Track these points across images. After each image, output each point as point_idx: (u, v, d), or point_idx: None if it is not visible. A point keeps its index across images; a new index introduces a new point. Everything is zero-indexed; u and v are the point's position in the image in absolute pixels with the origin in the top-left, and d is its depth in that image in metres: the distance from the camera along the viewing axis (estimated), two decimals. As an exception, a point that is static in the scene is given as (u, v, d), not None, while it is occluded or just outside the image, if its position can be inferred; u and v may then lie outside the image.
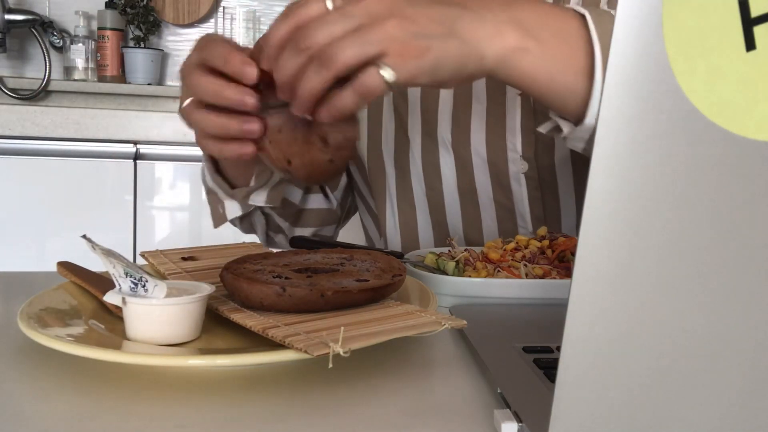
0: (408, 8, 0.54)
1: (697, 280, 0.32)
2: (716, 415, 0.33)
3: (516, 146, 0.87)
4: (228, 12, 2.40)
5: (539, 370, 0.47)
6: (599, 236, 0.31)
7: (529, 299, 0.66)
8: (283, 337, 0.46)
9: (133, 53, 2.26)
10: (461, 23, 0.56)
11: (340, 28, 0.53)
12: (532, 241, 0.76)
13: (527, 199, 0.88)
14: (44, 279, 0.70)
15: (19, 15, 2.18)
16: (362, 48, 0.52)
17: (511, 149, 0.87)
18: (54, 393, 0.46)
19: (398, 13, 0.54)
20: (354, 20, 0.53)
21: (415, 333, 0.47)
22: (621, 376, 0.33)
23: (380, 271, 0.58)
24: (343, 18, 0.53)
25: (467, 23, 0.56)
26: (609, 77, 0.31)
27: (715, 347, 0.32)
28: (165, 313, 0.49)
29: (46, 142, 1.87)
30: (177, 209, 1.99)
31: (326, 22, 0.53)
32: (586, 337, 0.33)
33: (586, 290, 0.32)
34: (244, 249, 0.74)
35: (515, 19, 0.57)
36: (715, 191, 0.31)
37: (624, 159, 0.31)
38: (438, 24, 0.55)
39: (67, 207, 1.89)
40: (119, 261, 0.50)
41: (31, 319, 0.51)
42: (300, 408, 0.44)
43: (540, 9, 0.59)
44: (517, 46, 0.57)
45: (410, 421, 0.43)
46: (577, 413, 0.33)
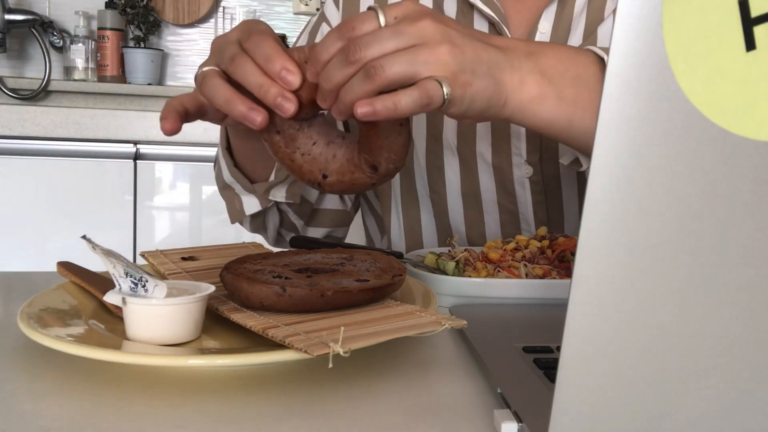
0: (459, 38, 0.55)
1: (697, 280, 0.32)
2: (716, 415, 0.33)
3: (521, 151, 0.87)
4: (228, 12, 2.40)
5: (539, 370, 0.47)
6: (599, 236, 0.31)
7: (529, 299, 0.66)
8: (283, 337, 0.46)
9: (133, 53, 2.26)
10: (497, 67, 0.57)
11: (393, 45, 0.53)
12: (532, 241, 0.76)
13: (531, 204, 0.89)
14: (44, 279, 0.70)
15: (19, 15, 2.18)
16: (412, 66, 0.53)
17: (516, 154, 0.87)
18: (54, 393, 0.46)
19: (450, 40, 0.55)
20: (406, 39, 0.54)
21: (415, 333, 0.47)
22: (621, 376, 0.33)
23: (380, 271, 0.58)
24: (395, 35, 0.54)
25: (502, 68, 0.57)
26: (609, 78, 0.31)
27: (715, 347, 0.32)
28: (165, 313, 0.49)
29: (46, 142, 1.87)
30: (177, 209, 1.99)
31: (378, 38, 0.53)
32: (586, 337, 0.33)
33: (586, 290, 0.32)
34: (244, 249, 0.74)
35: (538, 69, 0.59)
36: (715, 191, 0.31)
37: (624, 159, 0.31)
38: (480, 62, 0.56)
39: (67, 207, 1.89)
40: (119, 261, 0.50)
41: (31, 319, 0.51)
42: (300, 408, 0.44)
43: (562, 56, 0.60)
44: (537, 95, 0.58)
45: (410, 421, 0.43)
46: (577, 413, 0.33)
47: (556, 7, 0.85)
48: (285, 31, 2.44)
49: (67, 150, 1.88)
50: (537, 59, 0.59)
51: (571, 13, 0.85)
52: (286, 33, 2.44)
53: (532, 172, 0.87)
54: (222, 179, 0.84)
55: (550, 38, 0.85)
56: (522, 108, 0.59)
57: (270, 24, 2.29)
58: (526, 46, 0.60)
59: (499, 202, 0.90)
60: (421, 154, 0.91)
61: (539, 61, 0.59)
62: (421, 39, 0.54)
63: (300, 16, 2.49)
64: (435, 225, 0.94)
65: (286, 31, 2.45)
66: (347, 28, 0.55)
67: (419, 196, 0.94)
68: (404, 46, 0.53)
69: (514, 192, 0.89)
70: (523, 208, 0.89)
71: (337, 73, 0.54)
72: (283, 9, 2.49)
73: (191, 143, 1.92)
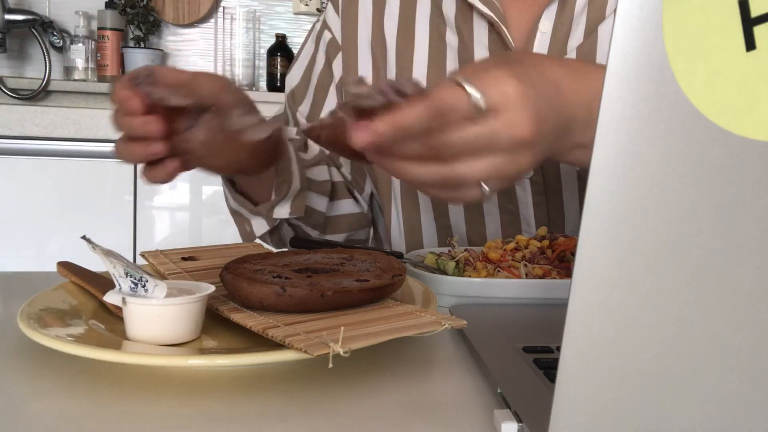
0: (541, 137, 0.52)
1: (697, 279, 0.32)
2: (716, 415, 0.33)
3: None
4: (228, 12, 2.40)
5: (539, 370, 0.47)
6: (599, 236, 0.31)
7: (529, 299, 0.66)
8: (283, 337, 0.46)
9: (133, 53, 2.26)
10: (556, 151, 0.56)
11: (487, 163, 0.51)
12: (532, 241, 0.76)
13: (532, 204, 0.89)
14: (44, 279, 0.70)
15: (19, 15, 2.18)
16: (485, 178, 0.52)
17: None
18: (54, 393, 0.46)
19: (535, 146, 0.52)
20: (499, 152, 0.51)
21: (415, 333, 0.47)
22: (621, 376, 0.33)
23: (380, 271, 0.58)
24: (490, 150, 0.51)
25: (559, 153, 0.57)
26: (609, 77, 0.31)
27: (715, 347, 0.32)
28: (165, 313, 0.49)
29: (46, 142, 1.87)
30: (177, 209, 1.99)
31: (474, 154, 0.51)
32: (586, 337, 0.33)
33: (586, 290, 0.32)
34: (244, 249, 0.74)
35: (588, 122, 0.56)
36: (715, 191, 0.31)
37: (624, 159, 0.31)
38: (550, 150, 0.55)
39: (67, 207, 1.89)
40: (119, 261, 0.50)
41: (31, 319, 0.51)
42: (300, 408, 0.44)
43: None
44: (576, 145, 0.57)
45: (410, 421, 0.43)
46: (577, 413, 0.33)
47: (557, 7, 0.85)
48: (285, 31, 2.44)
49: (67, 150, 1.88)
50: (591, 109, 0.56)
51: (571, 13, 0.85)
52: (286, 33, 2.44)
53: (532, 173, 0.87)
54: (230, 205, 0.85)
55: (551, 38, 0.85)
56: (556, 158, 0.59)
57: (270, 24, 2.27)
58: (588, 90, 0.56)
59: (499, 202, 0.90)
60: None
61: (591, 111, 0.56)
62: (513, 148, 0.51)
63: (300, 16, 2.49)
64: (435, 225, 0.94)
65: (286, 31, 2.45)
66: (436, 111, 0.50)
67: (420, 198, 0.94)
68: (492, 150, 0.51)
69: (514, 193, 0.89)
70: (523, 208, 0.89)
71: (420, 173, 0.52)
72: (283, 9, 2.49)
73: (191, 143, 1.91)
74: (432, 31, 0.90)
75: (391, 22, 0.91)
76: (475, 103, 0.49)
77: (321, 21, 0.97)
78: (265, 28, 2.48)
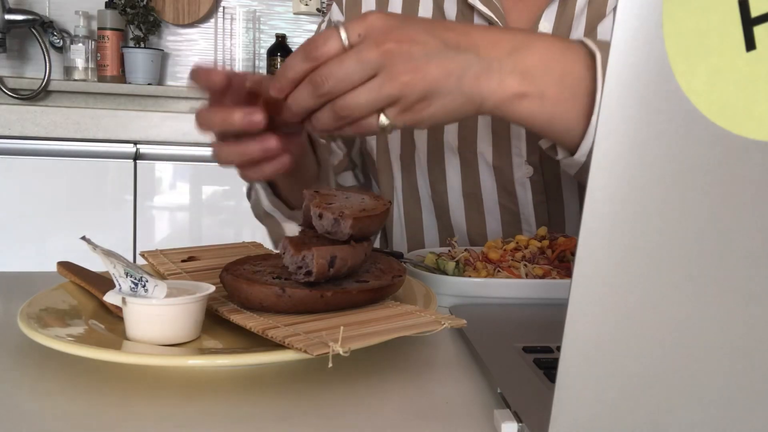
0: (423, 56, 0.56)
1: (697, 279, 0.32)
2: (716, 415, 0.33)
3: (521, 151, 0.87)
4: (228, 12, 2.40)
5: (539, 370, 0.47)
6: (599, 236, 0.31)
7: (529, 299, 0.66)
8: (283, 337, 0.46)
9: (133, 53, 2.26)
10: (469, 74, 0.58)
11: (357, 77, 0.55)
12: (532, 241, 0.76)
13: (532, 204, 0.89)
14: (44, 279, 0.70)
15: (19, 15, 2.18)
16: (374, 103, 0.56)
17: (517, 154, 0.87)
18: (54, 393, 0.46)
19: (414, 64, 0.56)
20: (370, 68, 0.55)
21: (414, 333, 0.47)
22: (621, 376, 0.33)
23: (380, 272, 0.58)
24: (359, 65, 0.55)
25: (474, 74, 0.58)
26: (609, 77, 0.31)
27: (714, 347, 0.32)
28: (165, 313, 0.49)
29: (46, 142, 1.87)
30: (177, 209, 1.99)
31: (344, 69, 0.55)
32: (586, 337, 0.33)
33: (586, 290, 0.32)
34: (244, 249, 0.74)
35: (520, 68, 0.59)
36: (715, 191, 0.31)
37: (624, 159, 0.31)
38: (448, 75, 0.57)
39: (67, 207, 1.89)
40: (119, 261, 0.50)
41: (31, 319, 0.51)
42: (300, 408, 0.44)
43: (548, 52, 0.60)
44: (517, 93, 0.59)
45: (410, 421, 0.43)
46: (577, 413, 0.33)
47: (557, 7, 0.85)
48: (285, 31, 2.44)
49: (67, 150, 1.88)
50: (520, 57, 0.59)
51: (572, 13, 0.85)
52: (286, 33, 2.44)
53: (532, 173, 0.87)
54: (261, 208, 0.85)
55: None
56: (502, 106, 0.59)
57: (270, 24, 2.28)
58: (512, 40, 0.59)
59: (500, 202, 0.90)
60: (422, 155, 0.91)
61: (522, 59, 0.59)
62: (383, 66, 0.55)
63: (300, 16, 2.49)
64: (437, 225, 0.94)
65: (286, 31, 2.45)
66: (312, 47, 0.56)
67: (421, 196, 0.94)
68: (368, 75, 0.55)
69: (515, 192, 0.89)
70: (523, 208, 0.89)
71: (305, 101, 0.57)
72: (283, 9, 2.49)
73: (191, 143, 1.92)
74: None
75: None
76: (343, 34, 0.56)
77: (326, 21, 0.98)
78: (265, 28, 2.48)
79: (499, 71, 0.58)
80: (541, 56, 0.59)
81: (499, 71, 0.58)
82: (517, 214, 0.90)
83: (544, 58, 0.59)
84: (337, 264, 0.52)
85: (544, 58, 0.59)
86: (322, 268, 0.52)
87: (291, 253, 0.53)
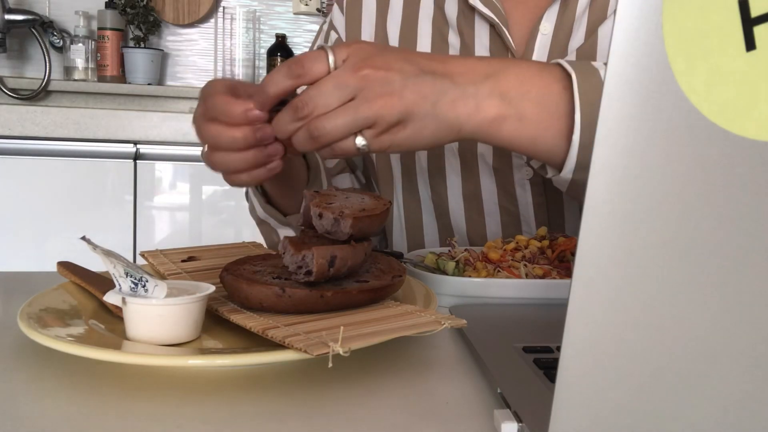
0: (400, 82, 0.58)
1: (697, 280, 0.32)
2: (716, 415, 0.33)
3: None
4: (228, 12, 2.40)
5: (539, 370, 0.47)
6: (599, 236, 0.31)
7: (529, 299, 0.66)
8: (283, 337, 0.46)
9: (133, 53, 2.26)
10: (445, 99, 0.59)
11: (335, 100, 0.57)
12: (532, 241, 0.76)
13: (532, 205, 0.89)
14: (44, 279, 0.70)
15: (19, 15, 2.18)
16: (350, 125, 0.58)
17: (516, 156, 0.87)
18: (54, 393, 0.46)
19: (389, 89, 0.57)
20: (348, 91, 0.57)
21: (414, 333, 0.47)
22: (621, 376, 0.33)
23: (380, 272, 0.58)
24: (338, 89, 0.57)
25: (450, 100, 0.59)
26: (609, 77, 0.31)
27: (715, 347, 0.32)
28: (165, 313, 0.49)
29: (46, 142, 1.87)
30: (177, 209, 1.99)
31: (323, 93, 0.57)
32: (586, 337, 0.33)
33: (586, 290, 0.32)
34: (244, 249, 0.74)
35: (497, 91, 0.60)
36: (715, 191, 0.31)
37: (624, 159, 0.31)
38: (423, 99, 0.58)
39: (67, 207, 1.89)
40: (119, 261, 0.50)
41: (31, 319, 0.51)
42: (300, 408, 0.44)
43: (524, 75, 0.61)
44: (496, 117, 0.60)
45: (410, 421, 0.43)
46: (577, 413, 0.33)
47: (558, 8, 0.85)
48: (285, 31, 2.44)
49: (67, 150, 1.88)
50: (496, 81, 0.60)
51: (573, 14, 0.85)
52: (286, 33, 2.44)
53: (532, 174, 0.87)
54: (256, 214, 0.86)
55: (552, 39, 0.85)
56: (482, 130, 0.60)
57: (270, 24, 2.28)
58: (486, 68, 0.60)
59: (500, 203, 0.90)
60: (422, 156, 0.91)
61: (498, 83, 0.60)
62: (361, 90, 0.57)
63: (300, 16, 2.49)
64: (436, 226, 0.94)
65: (286, 31, 2.45)
66: (297, 66, 0.58)
67: (421, 197, 0.94)
68: (346, 99, 0.57)
69: (514, 194, 0.89)
70: (523, 209, 0.89)
71: (287, 126, 0.59)
72: (283, 9, 2.49)
73: (191, 143, 1.92)
74: (434, 33, 0.90)
75: (394, 23, 0.92)
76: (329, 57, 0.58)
77: (328, 22, 0.98)
78: (265, 28, 2.48)
79: (475, 96, 0.59)
80: (516, 78, 0.60)
81: (475, 96, 0.59)
82: (517, 216, 0.90)
83: (520, 80, 0.60)
84: (337, 264, 0.52)
85: (520, 80, 0.60)
86: (322, 267, 0.52)
87: (291, 253, 0.53)
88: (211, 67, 2.46)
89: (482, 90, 0.59)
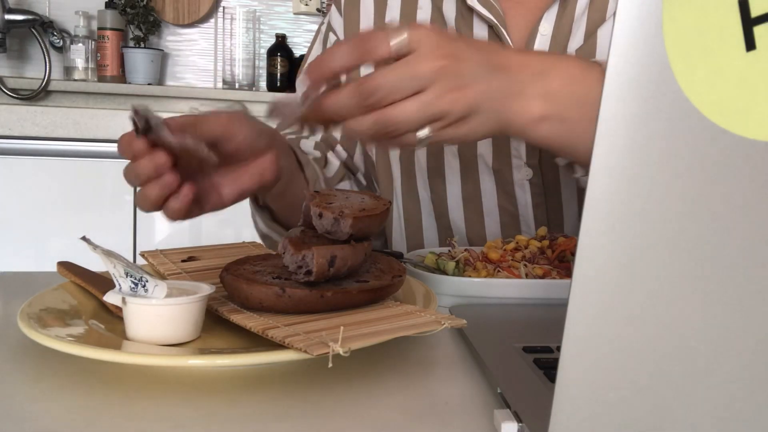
0: (470, 76, 0.57)
1: (697, 280, 0.32)
2: (716, 415, 0.33)
3: (520, 153, 0.87)
4: (228, 12, 2.40)
5: (539, 370, 0.47)
6: (599, 236, 0.31)
7: (529, 299, 0.66)
8: (283, 337, 0.46)
9: (133, 53, 2.26)
10: (505, 96, 0.58)
11: (408, 90, 0.55)
12: (532, 241, 0.76)
13: (531, 206, 0.89)
14: (44, 279, 0.70)
15: (19, 15, 2.18)
16: (423, 118, 0.56)
17: (516, 156, 0.87)
18: (54, 393, 0.46)
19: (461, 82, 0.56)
20: (422, 82, 0.55)
21: (414, 333, 0.47)
22: (621, 376, 0.33)
23: (380, 272, 0.58)
24: (412, 79, 0.55)
25: (507, 97, 0.59)
26: (609, 77, 0.30)
27: (715, 347, 0.32)
28: (165, 313, 0.49)
29: (46, 142, 1.87)
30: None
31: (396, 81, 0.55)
32: (586, 337, 0.33)
33: (586, 290, 0.32)
34: (244, 249, 0.74)
35: (545, 92, 0.59)
36: (715, 191, 0.31)
37: (624, 159, 0.31)
38: (489, 96, 0.57)
39: (67, 207, 1.89)
40: (119, 261, 0.50)
41: (31, 319, 0.51)
42: (300, 408, 0.44)
43: (570, 75, 0.61)
44: (540, 116, 0.59)
45: (410, 421, 0.43)
46: (577, 413, 0.33)
47: (557, 9, 0.85)
48: (285, 31, 2.44)
49: (67, 150, 1.88)
50: (545, 81, 0.59)
51: (572, 15, 0.85)
52: (286, 33, 2.44)
53: (531, 175, 0.87)
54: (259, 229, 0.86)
55: (551, 40, 0.85)
56: (523, 129, 0.60)
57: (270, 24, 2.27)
58: (539, 64, 0.60)
59: (499, 204, 0.90)
60: (422, 157, 0.91)
61: (547, 83, 0.59)
62: (433, 82, 0.55)
63: (300, 16, 2.49)
64: (436, 226, 0.94)
65: (286, 31, 2.45)
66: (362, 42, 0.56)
67: (420, 198, 0.94)
68: (418, 89, 0.55)
69: (514, 194, 0.89)
70: (523, 210, 0.89)
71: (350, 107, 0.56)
72: (283, 9, 2.49)
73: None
74: None
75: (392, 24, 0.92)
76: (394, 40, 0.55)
77: (326, 23, 0.98)
78: (265, 28, 2.48)
79: (525, 95, 0.59)
80: (562, 81, 0.60)
81: (525, 95, 0.59)
82: (517, 216, 0.90)
83: (565, 83, 0.60)
84: (337, 264, 0.52)
85: (565, 83, 0.60)
86: (322, 267, 0.52)
87: (291, 253, 0.53)
88: (211, 67, 2.46)
89: (534, 88, 0.59)
